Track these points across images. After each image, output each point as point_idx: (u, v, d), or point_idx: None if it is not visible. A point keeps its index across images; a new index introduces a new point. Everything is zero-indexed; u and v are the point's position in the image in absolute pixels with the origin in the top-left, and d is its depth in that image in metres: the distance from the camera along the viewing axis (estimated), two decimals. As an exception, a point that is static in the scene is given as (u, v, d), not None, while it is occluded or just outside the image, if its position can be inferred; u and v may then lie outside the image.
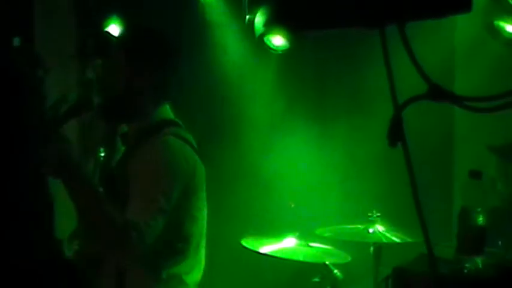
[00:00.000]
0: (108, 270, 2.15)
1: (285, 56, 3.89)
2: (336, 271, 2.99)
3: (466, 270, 1.96)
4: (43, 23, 4.20)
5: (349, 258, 3.06)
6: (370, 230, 3.06)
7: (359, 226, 3.13)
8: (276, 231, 3.30)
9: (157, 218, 1.97)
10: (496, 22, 3.06)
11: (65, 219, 1.98)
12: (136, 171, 2.05)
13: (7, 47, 1.84)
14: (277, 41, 3.78)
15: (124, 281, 2.12)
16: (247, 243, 3.18)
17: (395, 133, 1.30)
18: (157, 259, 2.12)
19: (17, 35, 3.78)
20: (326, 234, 3.13)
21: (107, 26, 4.02)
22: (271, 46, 3.80)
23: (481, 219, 1.95)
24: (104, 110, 2.17)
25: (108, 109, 2.18)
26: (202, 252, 2.27)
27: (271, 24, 3.58)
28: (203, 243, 2.26)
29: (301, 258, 3.07)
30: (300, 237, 3.22)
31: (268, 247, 3.14)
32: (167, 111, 2.23)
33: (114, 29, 4.02)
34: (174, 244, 2.15)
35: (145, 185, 2.01)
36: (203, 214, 2.24)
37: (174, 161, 2.09)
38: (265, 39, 3.77)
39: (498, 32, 3.10)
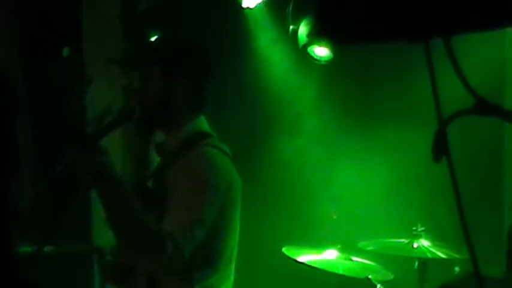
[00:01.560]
0: (140, 282, 2.15)
1: (328, 66, 3.87)
2: (378, 286, 2.94)
3: (514, 290, 1.90)
4: (91, 33, 4.28)
5: (391, 276, 3.00)
6: (415, 245, 3.00)
7: (403, 240, 3.07)
8: (317, 243, 3.27)
9: (196, 230, 1.96)
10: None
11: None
12: (176, 182, 2.05)
13: (55, 58, 1.88)
14: (321, 51, 3.76)
15: None
16: (288, 251, 3.16)
17: (440, 148, 1.28)
18: (192, 271, 2.11)
19: (65, 46, 3.86)
20: (369, 248, 3.08)
21: (151, 37, 4.07)
22: (315, 56, 3.79)
23: (530, 238, 1.89)
24: (140, 120, 2.19)
25: (145, 120, 2.20)
26: (233, 265, 2.26)
27: (315, 35, 3.57)
28: (235, 255, 2.25)
29: (341, 272, 3.03)
30: (341, 250, 3.19)
31: (308, 257, 3.12)
32: (203, 122, 2.23)
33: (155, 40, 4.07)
34: (209, 256, 2.14)
35: (185, 196, 2.01)
36: (237, 227, 2.24)
37: (215, 173, 2.09)
38: (308, 49, 3.76)
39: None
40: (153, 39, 4.04)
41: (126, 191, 1.88)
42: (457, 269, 2.80)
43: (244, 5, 3.97)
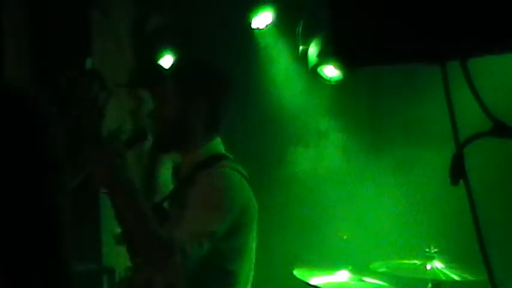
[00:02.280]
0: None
1: (338, 86, 3.87)
2: (391, 308, 2.91)
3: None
4: (102, 51, 4.31)
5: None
6: (428, 267, 2.97)
7: (416, 262, 3.04)
8: (328, 264, 3.25)
9: (203, 241, 1.96)
10: None
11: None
12: (191, 199, 2.05)
13: (78, 67, 1.89)
14: (331, 71, 3.77)
15: None
16: (300, 273, 3.14)
17: (458, 171, 1.27)
18: None
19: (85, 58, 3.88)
20: (381, 270, 3.05)
21: (162, 57, 4.09)
22: (325, 77, 3.79)
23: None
24: (157, 140, 2.19)
25: (161, 140, 2.20)
26: (249, 285, 2.24)
27: (325, 56, 3.57)
28: (251, 279, 2.24)
29: (354, 294, 3.01)
30: (353, 271, 3.16)
31: (320, 279, 3.09)
32: (219, 144, 2.23)
33: (168, 59, 4.08)
34: (226, 280, 2.13)
35: (197, 210, 2.01)
36: (253, 250, 2.22)
37: (231, 191, 2.09)
38: (318, 70, 3.76)
39: None
40: (163, 58, 4.06)
41: (140, 196, 1.88)
42: None
43: (254, 25, 3.99)
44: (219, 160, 2.17)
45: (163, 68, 3.72)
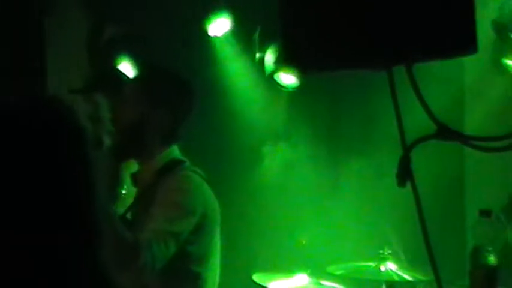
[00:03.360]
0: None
1: (296, 93, 3.91)
2: (347, 310, 2.96)
3: (478, 310, 1.94)
4: (55, 60, 4.26)
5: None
6: (382, 268, 3.03)
7: (371, 264, 3.11)
8: (287, 268, 3.28)
9: (169, 242, 1.97)
10: (503, 60, 3.08)
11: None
12: (155, 202, 2.05)
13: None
14: (288, 79, 3.81)
15: None
16: (259, 278, 3.17)
17: (404, 172, 1.32)
18: None
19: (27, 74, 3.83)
20: (337, 272, 3.10)
21: (117, 64, 4.07)
22: (282, 84, 3.83)
23: (492, 259, 1.94)
24: (113, 146, 2.18)
25: (118, 146, 2.19)
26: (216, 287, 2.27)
27: (281, 63, 3.61)
28: (217, 282, 2.26)
29: (312, 297, 3.05)
30: (311, 275, 3.20)
31: (279, 283, 3.12)
32: (175, 151, 2.25)
33: (124, 66, 4.06)
34: (194, 281, 2.15)
35: (162, 211, 2.02)
36: (218, 252, 2.25)
37: (194, 193, 2.11)
38: (275, 77, 3.80)
39: (506, 70, 3.11)
40: (120, 66, 4.04)
41: (103, 198, 1.86)
42: None
43: (210, 33, 4.00)
44: (178, 165, 2.19)
45: (123, 74, 3.71)
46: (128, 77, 2.59)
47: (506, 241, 3.15)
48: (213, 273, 2.22)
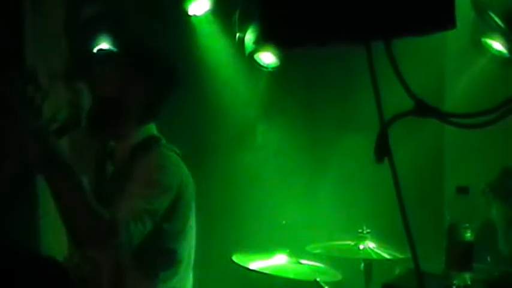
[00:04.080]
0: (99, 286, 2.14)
1: (276, 73, 3.91)
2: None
3: (454, 286, 1.95)
4: (34, 43, 4.21)
5: (339, 277, 3.06)
6: (361, 247, 3.06)
7: (349, 243, 3.13)
8: (267, 248, 3.30)
9: (146, 219, 1.96)
10: (482, 39, 3.10)
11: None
12: (131, 179, 2.04)
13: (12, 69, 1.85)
14: (267, 58, 3.80)
15: None
16: (238, 259, 3.18)
17: (382, 149, 1.31)
18: (154, 267, 2.12)
19: (8, 57, 3.78)
20: (316, 251, 3.12)
21: (96, 46, 4.02)
22: (261, 63, 3.82)
23: (468, 235, 1.96)
24: (91, 118, 2.15)
25: (96, 117, 2.17)
26: (190, 269, 2.27)
27: (261, 42, 3.60)
28: (193, 258, 2.26)
29: (291, 276, 3.06)
30: (290, 254, 3.22)
31: (258, 263, 3.14)
32: (152, 128, 2.23)
33: (103, 46, 4.02)
34: (170, 258, 2.15)
35: (138, 188, 2.00)
36: (194, 229, 2.25)
37: (169, 169, 2.10)
38: (255, 56, 3.78)
39: (485, 49, 3.13)
40: (99, 46, 3.99)
41: (78, 177, 1.85)
42: (397, 269, 2.86)
43: (190, 12, 3.97)
44: (155, 142, 2.18)
45: (101, 55, 3.67)
46: (106, 56, 2.57)
47: (487, 218, 3.21)
48: (189, 251, 2.23)
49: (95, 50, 4.00)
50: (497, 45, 3.04)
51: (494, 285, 1.97)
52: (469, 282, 1.94)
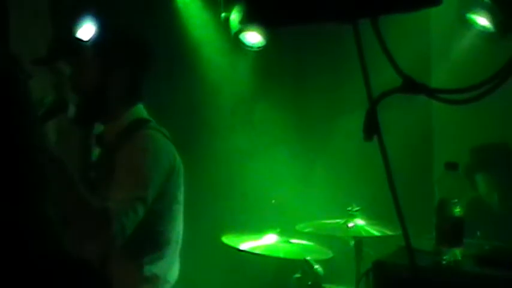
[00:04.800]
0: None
1: (262, 54, 3.88)
2: (316, 267, 2.99)
3: (444, 262, 1.96)
4: (18, 25, 4.16)
5: (330, 254, 3.07)
6: (350, 224, 3.07)
7: (339, 221, 3.14)
8: (257, 228, 3.30)
9: (138, 207, 1.95)
10: (468, 14, 3.09)
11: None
12: (119, 164, 2.03)
13: None
14: (253, 38, 3.77)
15: None
16: (228, 240, 3.18)
17: (371, 126, 1.31)
18: (140, 255, 2.11)
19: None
20: (306, 230, 3.13)
21: (80, 28, 3.98)
22: (247, 44, 3.79)
23: (458, 211, 1.96)
24: (76, 110, 2.15)
25: (81, 108, 2.16)
26: (178, 252, 2.26)
27: (246, 21, 3.57)
28: (180, 241, 2.26)
29: (282, 255, 3.07)
30: (280, 234, 3.23)
31: (249, 244, 3.14)
32: (141, 110, 2.23)
33: (88, 29, 3.97)
34: (156, 240, 2.15)
35: (128, 175, 2.00)
36: (181, 211, 2.24)
37: (158, 153, 2.10)
38: (240, 36, 3.75)
39: (470, 25, 3.12)
40: (83, 27, 3.95)
41: (68, 169, 1.84)
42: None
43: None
44: (143, 124, 2.17)
45: (82, 39, 3.63)
46: (87, 40, 2.55)
47: (477, 193, 3.23)
48: (176, 233, 2.22)
49: (78, 32, 3.96)
50: (482, 20, 3.04)
51: (485, 260, 1.98)
52: (459, 258, 1.95)
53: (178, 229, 2.24)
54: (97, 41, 2.26)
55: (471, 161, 3.25)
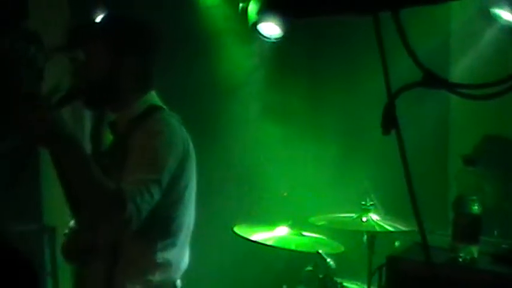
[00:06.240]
0: (101, 256, 2.14)
1: (278, 45, 3.87)
2: (328, 260, 2.98)
3: (460, 259, 1.94)
4: (37, 14, 4.17)
5: (342, 249, 3.06)
6: (364, 219, 3.05)
7: (352, 215, 3.12)
8: (269, 220, 3.30)
9: (153, 190, 1.94)
10: (491, 9, 3.05)
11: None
12: (133, 149, 2.03)
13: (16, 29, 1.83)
14: (271, 29, 3.75)
15: (114, 270, 2.11)
16: (240, 230, 3.18)
17: (389, 121, 1.29)
18: (152, 237, 2.11)
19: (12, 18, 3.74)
20: (319, 223, 3.11)
21: (96, 15, 3.98)
22: (265, 35, 3.77)
23: (476, 208, 1.94)
24: (86, 97, 2.16)
25: (91, 96, 2.16)
26: (188, 239, 2.26)
27: (264, 12, 3.55)
28: (191, 230, 2.26)
29: (293, 247, 3.07)
30: (292, 226, 3.22)
31: (260, 235, 3.14)
32: (154, 97, 2.22)
33: (100, 17, 3.97)
34: (169, 226, 2.14)
35: (142, 158, 1.99)
36: (193, 198, 2.24)
37: (172, 136, 2.09)
38: (258, 27, 3.74)
39: (493, 19, 3.08)
40: (99, 16, 3.96)
41: (83, 150, 1.84)
42: (397, 243, 2.85)
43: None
44: (156, 110, 2.17)
45: (96, 25, 3.64)
46: (98, 28, 2.57)
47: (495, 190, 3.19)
48: (189, 219, 2.22)
49: (96, 20, 3.96)
50: (506, 15, 2.99)
51: (501, 259, 1.96)
52: (475, 255, 1.93)
53: (190, 216, 2.23)
54: (107, 28, 2.26)
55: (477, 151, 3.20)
